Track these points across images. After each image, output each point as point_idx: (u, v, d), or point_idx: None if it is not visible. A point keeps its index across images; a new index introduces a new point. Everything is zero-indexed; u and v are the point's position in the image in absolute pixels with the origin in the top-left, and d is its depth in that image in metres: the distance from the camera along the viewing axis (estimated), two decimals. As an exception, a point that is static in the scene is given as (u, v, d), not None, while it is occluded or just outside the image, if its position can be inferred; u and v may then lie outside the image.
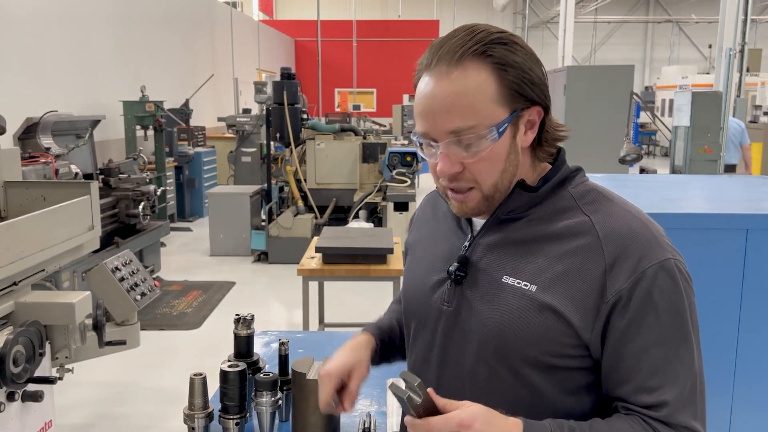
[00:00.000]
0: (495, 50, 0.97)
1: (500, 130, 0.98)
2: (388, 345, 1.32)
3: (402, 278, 1.29)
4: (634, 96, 4.66)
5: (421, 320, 1.14)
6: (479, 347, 1.04)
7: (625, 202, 1.06)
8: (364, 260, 3.56)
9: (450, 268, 1.07)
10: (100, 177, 5.66)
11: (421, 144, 1.04)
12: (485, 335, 1.03)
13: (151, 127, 7.82)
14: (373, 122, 11.05)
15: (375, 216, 7.18)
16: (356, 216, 7.06)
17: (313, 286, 4.20)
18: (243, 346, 1.70)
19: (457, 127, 0.97)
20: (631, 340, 0.96)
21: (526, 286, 1.00)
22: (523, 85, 0.98)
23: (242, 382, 1.56)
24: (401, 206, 6.71)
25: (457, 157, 0.99)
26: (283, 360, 1.72)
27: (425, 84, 0.99)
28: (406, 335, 1.24)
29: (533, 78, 0.99)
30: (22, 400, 2.02)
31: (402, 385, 0.91)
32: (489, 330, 1.03)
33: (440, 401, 0.91)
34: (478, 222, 1.10)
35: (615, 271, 0.96)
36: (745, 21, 7.20)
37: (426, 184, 12.36)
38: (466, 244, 1.09)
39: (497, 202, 1.04)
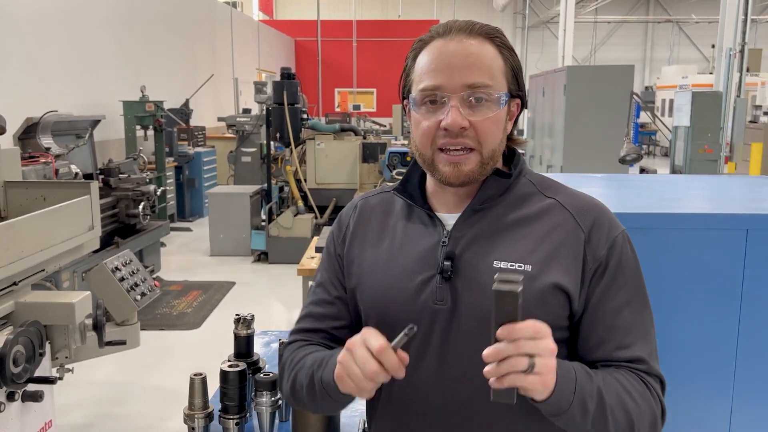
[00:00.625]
0: (496, 35, 1.08)
1: (506, 98, 1.07)
2: None
3: (356, 287, 1.17)
4: (634, 96, 4.66)
5: (410, 323, 1.10)
6: (485, 337, 1.03)
7: (571, 188, 1.16)
8: (364, 260, 3.55)
9: (444, 265, 1.06)
10: (100, 177, 5.66)
11: (421, 102, 1.06)
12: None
13: (151, 127, 7.82)
14: (373, 122, 11.05)
15: (375, 216, 7.17)
16: (356, 216, 7.05)
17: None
18: (243, 346, 1.70)
19: (477, 82, 1.03)
20: (607, 301, 1.06)
21: (521, 266, 1.04)
22: (518, 71, 1.09)
23: (242, 382, 1.56)
24: (401, 206, 6.70)
25: (466, 114, 1.03)
26: (283, 360, 1.72)
27: (442, 46, 1.06)
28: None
29: (521, 69, 1.11)
30: (22, 400, 2.02)
31: (501, 284, 0.86)
32: None
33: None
34: (447, 218, 1.12)
35: (593, 240, 1.07)
36: (745, 21, 7.20)
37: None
38: (445, 239, 1.09)
39: (487, 171, 1.08)
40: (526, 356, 0.87)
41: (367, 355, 0.94)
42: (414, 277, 1.09)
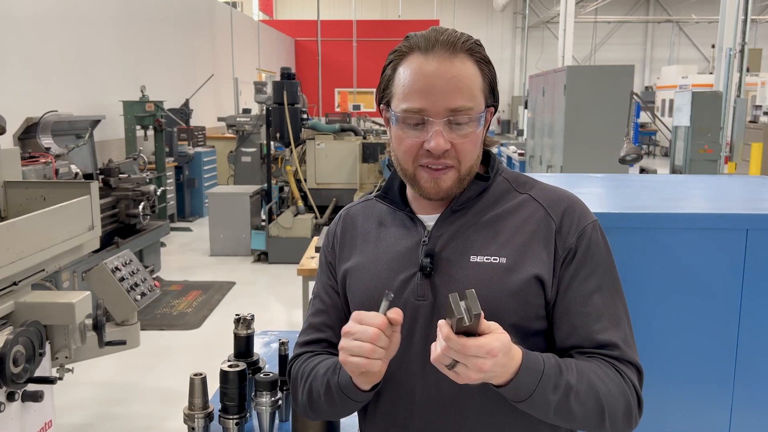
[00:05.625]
0: (476, 50, 1.09)
1: (485, 115, 1.10)
2: None
3: (348, 292, 1.21)
4: (634, 96, 4.66)
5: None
6: None
7: (546, 183, 1.20)
8: (364, 260, 3.55)
9: (423, 262, 1.11)
10: (100, 177, 5.65)
11: (403, 121, 1.08)
12: None
13: (151, 127, 7.82)
14: (373, 122, 11.03)
15: (375, 216, 7.17)
16: (356, 216, 7.05)
17: (313, 286, 4.19)
18: (243, 346, 1.70)
19: (459, 106, 1.05)
20: (577, 288, 1.09)
21: (496, 260, 1.09)
22: (494, 84, 1.13)
23: (242, 382, 1.56)
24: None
25: (448, 136, 1.06)
26: (283, 360, 1.72)
27: (424, 64, 1.06)
28: None
29: (496, 79, 1.14)
30: (22, 400, 2.02)
31: (461, 302, 0.92)
32: None
33: (483, 324, 0.94)
34: (428, 219, 1.16)
35: (563, 230, 1.11)
36: (745, 21, 7.18)
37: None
38: (425, 239, 1.14)
39: (464, 185, 1.13)
40: (449, 357, 0.93)
41: (360, 327, 0.99)
42: (396, 276, 1.14)
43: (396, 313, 1.01)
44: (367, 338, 0.98)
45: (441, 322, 0.93)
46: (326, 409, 1.17)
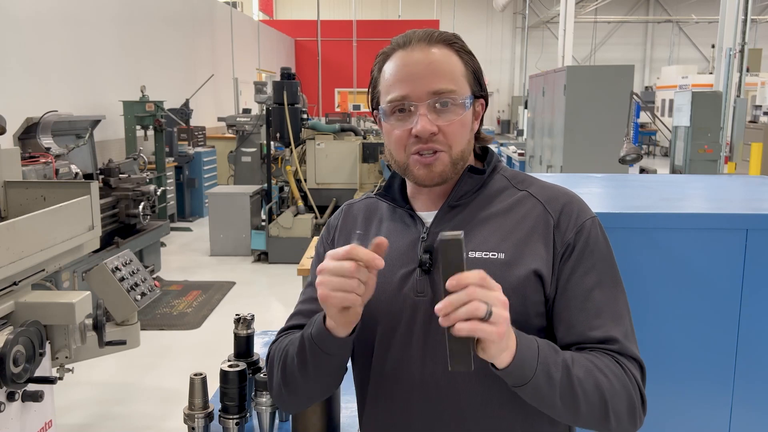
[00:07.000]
0: (454, 41, 1.13)
1: (471, 101, 1.12)
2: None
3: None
4: (634, 96, 4.66)
5: (394, 317, 1.13)
6: None
7: (544, 180, 1.22)
8: (364, 260, 3.55)
9: (422, 258, 1.11)
10: (100, 177, 5.66)
11: (391, 113, 1.10)
12: None
13: (151, 127, 7.82)
14: (373, 122, 11.05)
15: (375, 216, 7.17)
16: (356, 216, 7.05)
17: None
18: (243, 346, 1.70)
19: (441, 88, 1.07)
20: (576, 283, 1.09)
21: (494, 255, 1.09)
22: (479, 74, 1.14)
23: (242, 382, 1.56)
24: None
25: (434, 120, 1.08)
26: (283, 360, 1.71)
27: (404, 56, 1.10)
28: (362, 344, 1.16)
29: (481, 71, 1.16)
30: (22, 400, 2.02)
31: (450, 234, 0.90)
32: None
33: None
34: (427, 216, 1.17)
35: (561, 226, 1.11)
36: (745, 21, 7.19)
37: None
38: (424, 235, 1.14)
39: (458, 170, 1.13)
40: (482, 302, 0.87)
41: (338, 263, 0.96)
42: (396, 272, 1.14)
43: (379, 247, 0.98)
44: (348, 273, 0.95)
45: (449, 279, 0.88)
46: (299, 378, 1.12)
